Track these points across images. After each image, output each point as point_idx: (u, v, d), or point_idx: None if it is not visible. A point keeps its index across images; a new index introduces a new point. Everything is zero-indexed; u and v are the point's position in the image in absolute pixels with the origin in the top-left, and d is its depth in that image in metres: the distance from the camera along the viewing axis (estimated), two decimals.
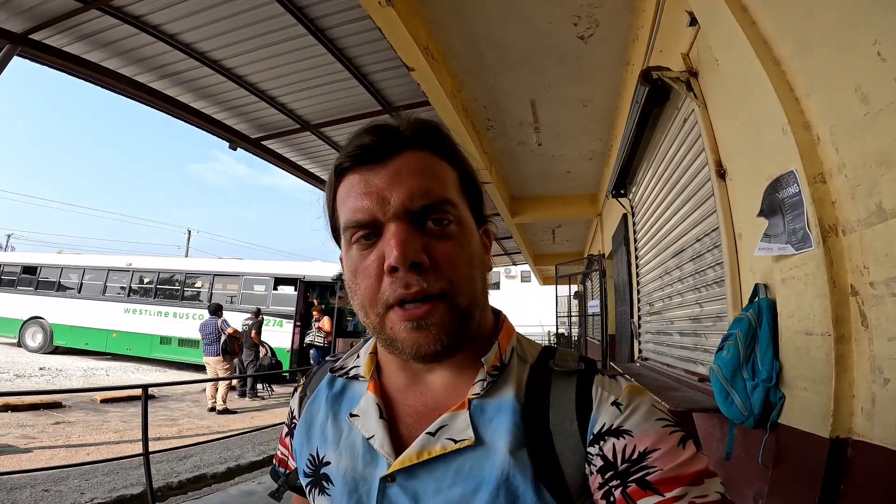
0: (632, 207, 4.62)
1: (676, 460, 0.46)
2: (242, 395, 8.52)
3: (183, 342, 11.24)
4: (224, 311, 7.96)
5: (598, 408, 0.51)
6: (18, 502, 3.32)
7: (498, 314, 0.62)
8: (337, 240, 0.59)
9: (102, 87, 4.77)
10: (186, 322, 11.30)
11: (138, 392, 7.32)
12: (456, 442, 0.51)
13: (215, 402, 7.09)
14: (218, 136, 6.06)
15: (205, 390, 7.45)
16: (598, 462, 0.48)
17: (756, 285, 1.89)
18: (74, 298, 12.68)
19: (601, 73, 4.02)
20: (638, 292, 4.50)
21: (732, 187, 2.28)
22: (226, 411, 7.12)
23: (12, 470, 3.48)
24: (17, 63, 4.27)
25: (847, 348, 1.32)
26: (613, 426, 0.49)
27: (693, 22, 2.37)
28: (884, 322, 1.18)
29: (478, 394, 0.53)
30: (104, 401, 6.78)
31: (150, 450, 3.35)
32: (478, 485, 0.49)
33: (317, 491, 0.59)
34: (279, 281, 11.40)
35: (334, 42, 4.31)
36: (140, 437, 3.41)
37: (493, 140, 5.65)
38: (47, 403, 6.17)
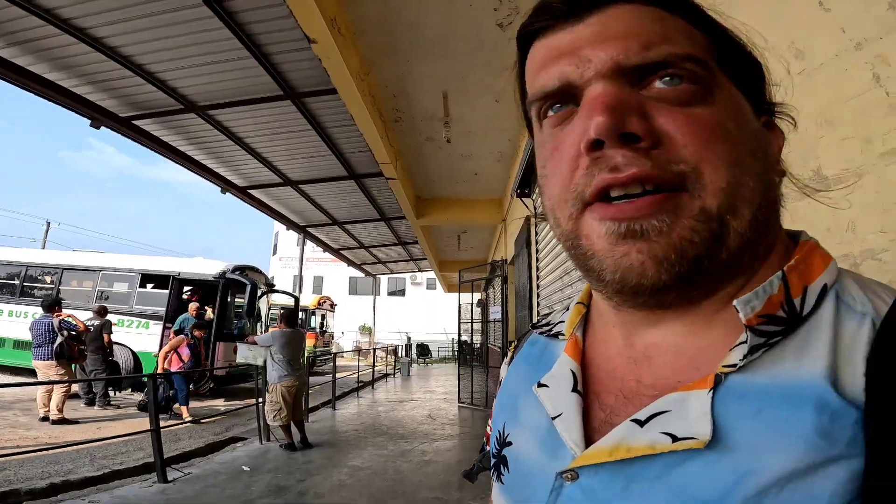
0: (535, 209, 4.70)
1: None
2: (90, 403, 7.35)
3: (19, 344, 9.53)
4: (64, 309, 6.84)
5: None
6: None
7: (796, 236, 0.40)
8: (530, 129, 0.44)
9: None
10: (27, 321, 9.59)
11: None
12: (676, 440, 0.32)
13: (48, 410, 6.04)
14: (76, 112, 5.24)
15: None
16: None
17: None
18: None
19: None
20: (538, 296, 4.57)
21: None
22: (63, 421, 6.11)
23: None
24: None
25: None
26: None
27: None
28: None
29: (735, 364, 0.32)
30: None
31: None
32: None
33: (495, 476, 0.47)
34: (147, 278, 10.17)
35: (234, 16, 3.92)
36: None
37: (400, 133, 5.50)
38: None
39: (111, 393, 8.13)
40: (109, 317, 7.97)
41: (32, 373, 6.81)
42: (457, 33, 3.48)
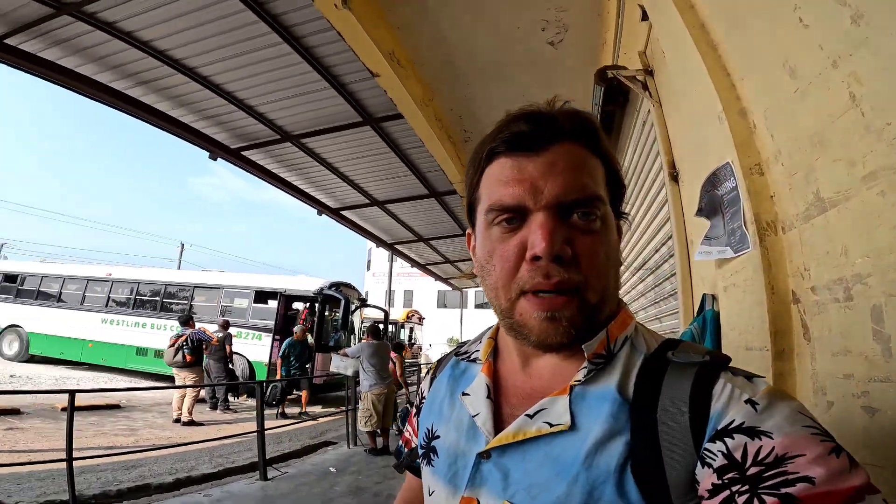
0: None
1: (828, 470, 0.39)
2: (213, 407, 8.28)
3: (159, 353, 10.99)
4: (195, 322, 7.81)
5: (727, 404, 0.46)
6: None
7: (618, 302, 0.60)
8: (470, 216, 0.61)
9: (80, 93, 4.73)
10: (164, 333, 11.10)
11: (114, 400, 7.23)
12: (552, 426, 0.51)
13: (181, 413, 6.88)
14: (197, 146, 6.01)
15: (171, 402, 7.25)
16: (719, 460, 0.43)
17: (703, 296, 1.75)
18: (52, 307, 12.45)
19: (574, 80, 3.97)
20: None
21: (684, 190, 2.10)
22: (191, 423, 6.93)
23: None
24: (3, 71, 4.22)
25: (788, 366, 1.14)
26: (745, 424, 0.44)
27: (644, 16, 2.31)
28: (826, 334, 1.00)
29: (580, 381, 0.53)
30: (64, 409, 6.58)
31: (90, 458, 3.18)
32: (560, 470, 0.49)
33: (425, 462, 0.64)
34: (260, 294, 11.26)
35: (310, 50, 4.28)
36: (90, 445, 3.24)
37: (470, 152, 5.59)
38: (5, 409, 6.04)
39: (230, 398, 9.09)
40: (230, 329, 8.98)
41: (172, 378, 7.78)
42: (511, 56, 3.52)
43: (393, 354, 7.85)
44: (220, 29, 4.03)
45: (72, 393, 3.39)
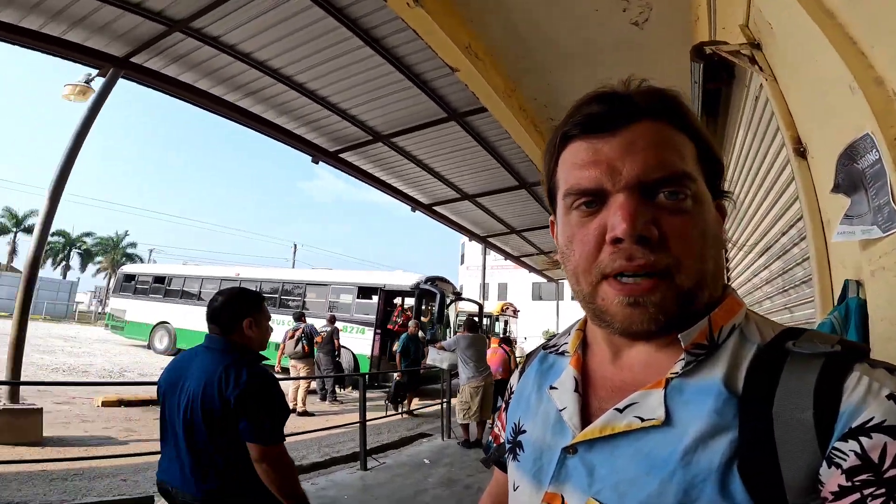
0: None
1: None
2: (322, 398, 8.91)
3: (278, 347, 12.10)
4: (307, 318, 8.43)
5: (863, 399, 0.41)
6: (96, 489, 3.60)
7: (726, 288, 0.56)
8: (551, 203, 0.60)
9: (199, 106, 5.34)
10: (282, 328, 12.18)
11: None
12: (643, 420, 0.49)
13: (296, 403, 7.49)
14: (301, 151, 6.52)
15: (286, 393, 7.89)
16: (850, 461, 0.40)
17: (846, 282, 1.50)
18: (194, 305, 14.26)
19: (665, 60, 3.65)
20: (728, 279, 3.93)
21: (815, 166, 1.90)
22: (305, 413, 7.50)
23: (91, 455, 3.90)
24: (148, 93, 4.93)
25: None
26: (887, 423, 0.40)
27: None
28: None
29: (677, 373, 0.50)
30: None
31: None
32: (652, 467, 0.47)
33: (511, 457, 0.64)
34: (362, 290, 11.87)
35: (391, 51, 4.44)
36: None
37: None
38: (154, 400, 6.84)
39: (338, 389, 9.71)
40: (337, 324, 9.61)
41: (287, 372, 8.40)
42: (591, 40, 3.34)
43: (505, 347, 7.86)
44: (308, 37, 4.30)
45: None
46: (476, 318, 9.33)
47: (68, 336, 17.62)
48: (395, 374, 8.28)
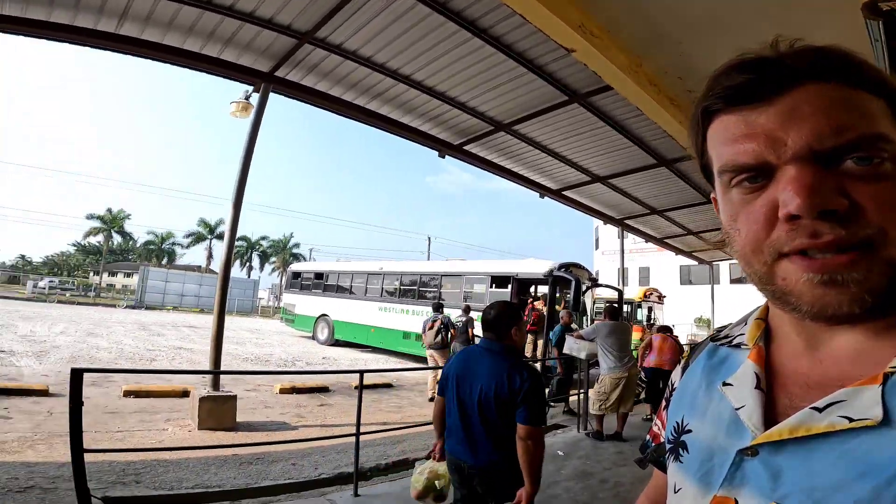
0: None
1: None
2: None
3: (419, 337, 12.80)
4: (445, 308, 8.74)
5: None
6: (272, 473, 3.94)
7: None
8: (708, 179, 0.55)
9: (335, 112, 5.81)
10: (422, 319, 12.87)
11: (387, 379, 8.85)
12: (852, 420, 0.42)
13: (434, 391, 7.83)
14: (427, 146, 6.77)
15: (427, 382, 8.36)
16: None
17: None
18: (348, 299, 15.83)
19: (827, 18, 2.95)
20: None
21: None
22: None
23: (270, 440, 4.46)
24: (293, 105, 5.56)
25: None
26: None
27: None
28: None
29: None
30: (356, 387, 8.26)
31: (370, 433, 3.68)
32: (866, 470, 0.40)
33: (672, 458, 0.60)
34: (495, 279, 11.93)
35: (500, 39, 4.37)
36: (370, 421, 3.76)
37: None
38: (318, 387, 7.75)
39: None
40: (472, 314, 9.84)
41: (426, 361, 8.86)
42: (728, 4, 2.91)
43: (675, 337, 7.31)
44: (417, 35, 4.39)
45: (361, 373, 3.93)
46: (616, 305, 8.73)
47: (253, 329, 20.83)
48: (557, 369, 8.01)
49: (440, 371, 7.42)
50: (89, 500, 2.34)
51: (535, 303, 10.24)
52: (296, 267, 20.35)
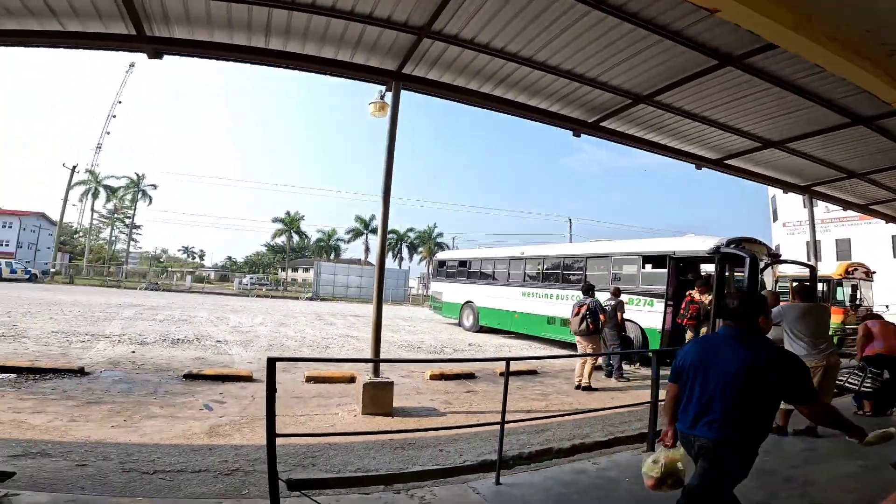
0: None
1: None
2: (608, 374, 8.69)
3: (564, 322, 12.41)
4: (595, 292, 8.31)
5: None
6: (421, 458, 4.09)
7: None
8: None
9: (461, 102, 5.92)
10: (567, 303, 12.46)
11: (532, 366, 8.79)
12: None
13: (582, 378, 7.55)
14: (560, 127, 6.57)
15: (574, 369, 8.05)
16: None
17: None
18: (490, 285, 16.10)
19: None
20: None
21: None
22: (588, 388, 7.48)
23: (417, 428, 4.70)
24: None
25: None
26: None
27: None
28: None
29: None
30: (501, 374, 8.32)
31: (514, 421, 3.69)
32: None
33: None
34: (648, 259, 10.99)
35: (622, 8, 4.05)
36: (514, 409, 3.74)
37: None
38: (465, 374, 7.97)
39: (624, 366, 9.28)
40: (621, 297, 9.22)
41: (574, 346, 8.54)
42: None
43: (877, 322, 6.08)
44: (532, 14, 4.22)
45: (507, 361, 3.88)
46: (808, 285, 7.36)
47: (406, 317, 22.42)
48: None
49: (587, 359, 7.15)
50: (277, 483, 2.74)
51: (694, 292, 9.11)
52: (440, 256, 21.31)
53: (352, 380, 6.69)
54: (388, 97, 5.58)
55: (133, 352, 8.12)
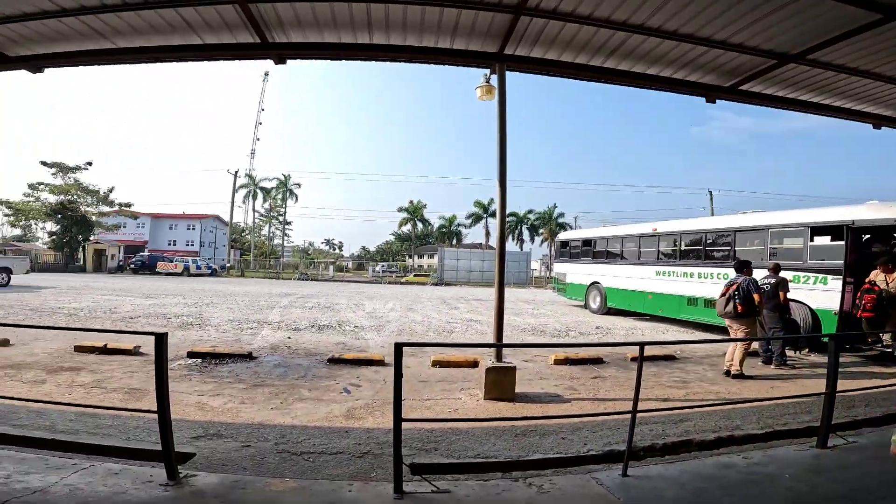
0: None
1: None
2: (767, 361, 7.58)
3: (708, 303, 11.15)
4: (752, 269, 7.28)
5: None
6: (542, 446, 3.98)
7: None
8: None
9: (570, 77, 5.62)
10: (711, 282, 11.17)
11: (669, 351, 8.02)
12: None
13: (731, 365, 6.71)
14: (689, 94, 5.99)
15: (724, 354, 7.15)
16: None
17: None
18: (618, 265, 15.14)
19: None
20: None
21: None
22: (740, 375, 6.65)
23: (545, 415, 4.51)
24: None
25: None
26: None
27: None
28: None
29: None
30: (633, 358, 7.72)
31: (647, 411, 3.39)
32: None
33: None
34: (817, 230, 9.30)
35: None
36: (647, 396, 3.45)
37: None
38: (592, 359, 7.56)
39: (788, 352, 8.03)
40: (782, 273, 7.95)
41: (725, 330, 7.63)
42: None
43: None
44: None
45: (642, 346, 3.50)
46: None
47: (528, 299, 22.29)
48: None
49: (739, 345, 6.29)
50: (401, 468, 2.84)
51: (877, 272, 7.45)
52: (563, 236, 20.61)
53: (475, 364, 6.78)
54: (494, 80, 5.49)
55: (289, 337, 9.22)
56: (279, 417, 4.58)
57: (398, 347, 2.98)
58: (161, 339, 2.93)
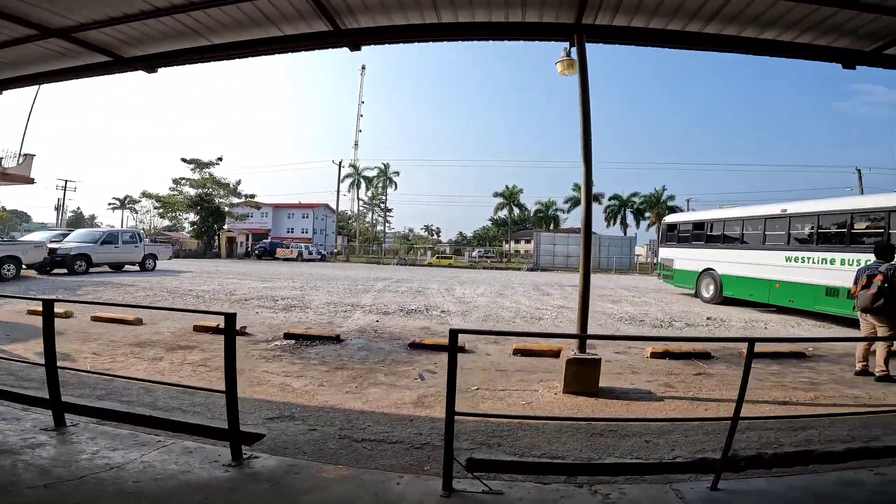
0: None
1: None
2: None
3: (852, 294, 9.36)
4: None
5: None
6: (619, 448, 3.61)
7: None
8: None
9: (669, 47, 5.03)
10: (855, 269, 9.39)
11: (798, 348, 6.82)
12: None
13: (864, 364, 5.73)
14: (819, 60, 5.17)
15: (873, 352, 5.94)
16: None
17: None
18: (738, 249, 13.40)
19: None
20: None
21: None
22: (886, 378, 5.56)
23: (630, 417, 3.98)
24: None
25: None
26: None
27: None
28: None
29: None
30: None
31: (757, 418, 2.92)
32: None
33: None
34: None
35: None
36: (765, 399, 2.94)
37: None
38: (697, 353, 6.68)
39: None
40: None
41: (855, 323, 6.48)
42: None
43: None
44: None
45: (751, 342, 2.92)
46: None
47: (630, 286, 20.82)
48: None
49: (879, 343, 5.17)
50: (452, 464, 2.63)
51: None
52: (670, 219, 18.78)
53: (557, 354, 6.33)
54: (574, 53, 5.02)
55: (377, 321, 9.46)
56: (351, 401, 4.61)
57: (453, 334, 2.77)
58: (231, 320, 2.95)
